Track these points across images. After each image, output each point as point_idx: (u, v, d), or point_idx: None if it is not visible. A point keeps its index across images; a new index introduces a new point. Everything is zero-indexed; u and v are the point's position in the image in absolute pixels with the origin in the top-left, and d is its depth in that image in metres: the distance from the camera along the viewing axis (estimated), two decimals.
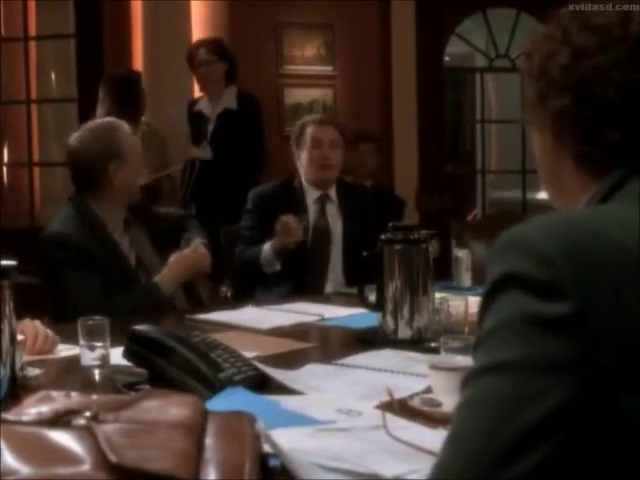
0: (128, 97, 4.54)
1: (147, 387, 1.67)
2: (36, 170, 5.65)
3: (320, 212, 3.47)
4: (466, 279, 3.02)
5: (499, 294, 0.88)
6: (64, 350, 2.12)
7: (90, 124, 2.94)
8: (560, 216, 0.93)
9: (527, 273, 0.86)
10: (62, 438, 1.04)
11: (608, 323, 0.83)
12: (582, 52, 1.00)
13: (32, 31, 5.57)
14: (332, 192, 3.51)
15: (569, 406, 0.82)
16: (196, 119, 4.73)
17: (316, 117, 3.66)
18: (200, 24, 5.17)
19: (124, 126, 2.92)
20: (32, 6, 5.55)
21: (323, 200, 3.48)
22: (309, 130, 3.48)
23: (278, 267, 3.29)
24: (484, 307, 0.90)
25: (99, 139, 2.83)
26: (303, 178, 3.50)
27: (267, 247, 3.28)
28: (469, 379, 0.87)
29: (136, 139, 3.04)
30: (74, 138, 2.86)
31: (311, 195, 3.47)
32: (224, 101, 4.71)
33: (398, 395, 1.64)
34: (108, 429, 1.06)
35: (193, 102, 4.83)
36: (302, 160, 3.48)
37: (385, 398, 1.60)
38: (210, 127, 4.68)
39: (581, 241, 0.87)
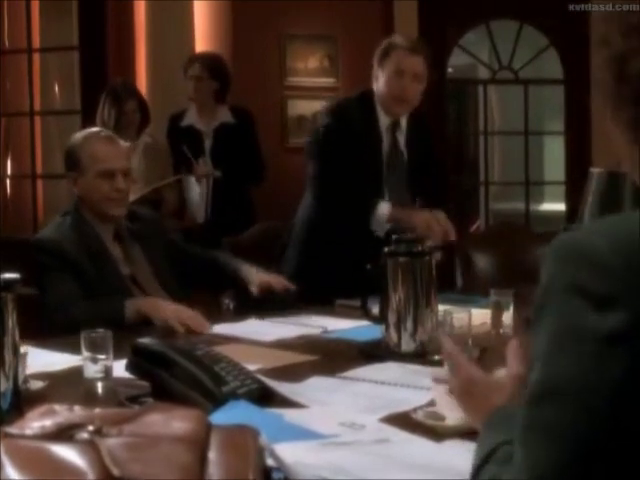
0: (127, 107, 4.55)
1: (150, 400, 1.66)
2: (39, 182, 5.66)
3: (392, 141, 3.28)
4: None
5: (557, 301, 0.88)
6: (67, 362, 2.12)
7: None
8: (622, 224, 0.92)
9: (587, 285, 0.86)
10: (65, 452, 1.03)
11: None
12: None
13: (36, 43, 5.58)
14: (403, 121, 3.31)
15: (623, 427, 0.83)
16: (187, 134, 4.61)
17: (406, 41, 3.26)
18: (203, 36, 5.19)
19: (95, 136, 2.85)
20: (36, 18, 5.57)
21: (394, 128, 3.29)
22: (395, 55, 3.21)
23: (382, 232, 3.10)
24: (540, 307, 0.90)
25: (69, 147, 2.86)
26: (377, 99, 3.27)
27: (385, 208, 3.12)
28: (532, 399, 0.88)
29: (105, 150, 2.80)
30: None
31: (383, 121, 3.27)
32: (219, 116, 4.63)
33: (401, 408, 1.64)
34: (111, 443, 1.06)
35: (177, 116, 4.69)
36: (379, 83, 3.25)
37: (388, 412, 1.60)
38: (208, 142, 4.60)
39: None
